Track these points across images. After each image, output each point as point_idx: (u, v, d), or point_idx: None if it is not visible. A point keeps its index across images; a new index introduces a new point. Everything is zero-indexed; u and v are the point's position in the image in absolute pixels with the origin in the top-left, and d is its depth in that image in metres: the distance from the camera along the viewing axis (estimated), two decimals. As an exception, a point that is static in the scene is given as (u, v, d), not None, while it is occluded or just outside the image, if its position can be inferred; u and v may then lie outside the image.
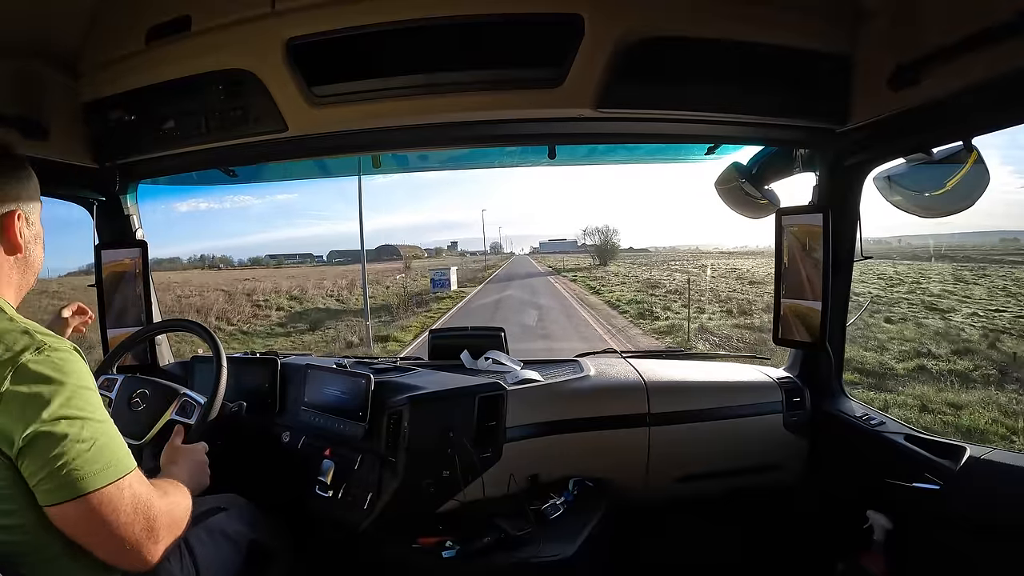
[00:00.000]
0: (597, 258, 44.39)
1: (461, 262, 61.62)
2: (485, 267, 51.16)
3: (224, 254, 68.39)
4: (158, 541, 0.79)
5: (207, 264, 57.80)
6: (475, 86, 1.24)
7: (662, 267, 36.54)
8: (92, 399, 0.76)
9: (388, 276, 31.20)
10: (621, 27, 1.16)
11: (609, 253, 43.78)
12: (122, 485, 0.75)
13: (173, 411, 1.28)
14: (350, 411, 1.52)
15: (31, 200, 0.88)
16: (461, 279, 29.78)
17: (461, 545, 1.26)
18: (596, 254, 45.21)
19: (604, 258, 43.05)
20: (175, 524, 0.84)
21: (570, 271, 39.21)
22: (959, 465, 1.20)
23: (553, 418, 1.54)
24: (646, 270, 34.26)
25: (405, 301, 20.32)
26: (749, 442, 1.66)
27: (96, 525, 0.73)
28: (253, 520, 1.22)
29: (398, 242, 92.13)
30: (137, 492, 0.77)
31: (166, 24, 1.25)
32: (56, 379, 0.72)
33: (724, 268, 30.86)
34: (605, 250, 43.90)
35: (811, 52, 1.24)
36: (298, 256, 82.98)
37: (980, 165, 1.15)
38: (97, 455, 0.72)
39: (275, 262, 70.92)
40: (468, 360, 1.81)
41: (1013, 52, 0.91)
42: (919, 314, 13.38)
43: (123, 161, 1.52)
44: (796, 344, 1.65)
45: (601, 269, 38.39)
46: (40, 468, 0.69)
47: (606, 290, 23.60)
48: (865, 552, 1.34)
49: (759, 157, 1.75)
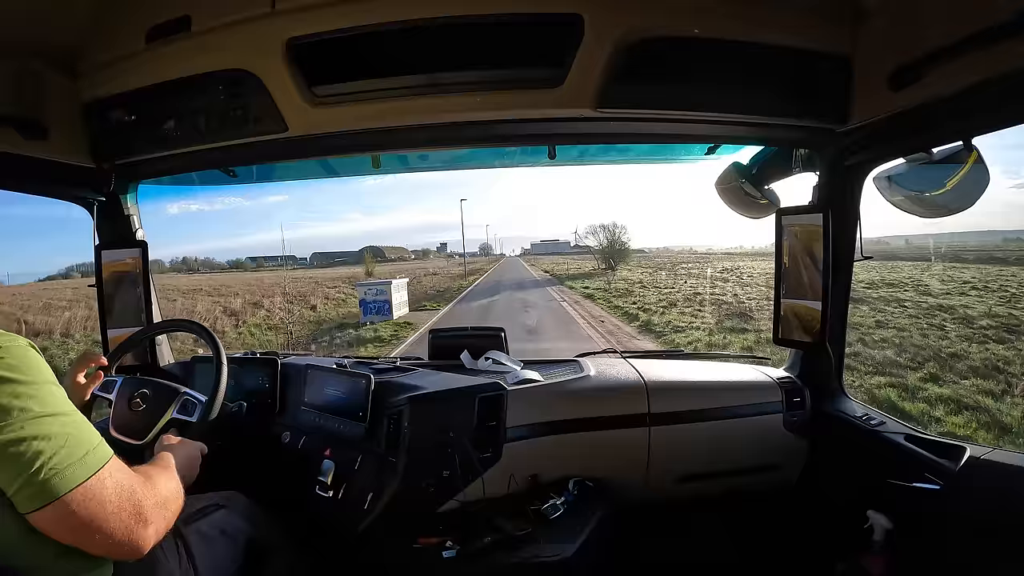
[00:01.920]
0: (602, 261, 36.95)
1: (445, 265, 54.82)
2: (463, 274, 39.94)
3: (210, 256, 67.93)
4: (147, 525, 0.76)
5: (187, 267, 57.23)
6: (475, 86, 1.24)
7: (673, 270, 29.51)
8: (55, 393, 0.73)
9: (340, 286, 25.31)
10: (621, 27, 1.16)
11: (619, 255, 36.18)
12: (102, 476, 0.72)
13: (174, 410, 1.28)
14: (350, 411, 1.52)
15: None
16: (420, 296, 20.73)
17: (461, 545, 1.26)
18: (601, 257, 37.21)
19: (611, 261, 35.45)
20: (164, 506, 0.82)
21: (574, 279, 29.48)
22: (959, 465, 1.20)
23: (553, 418, 1.54)
24: (655, 274, 27.39)
25: (319, 332, 13.25)
26: (749, 442, 1.66)
27: (82, 522, 0.70)
28: (252, 518, 1.22)
29: (394, 243, 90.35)
30: (119, 480, 0.75)
31: (166, 24, 1.25)
32: (14, 379, 0.69)
33: (746, 270, 25.19)
34: (612, 252, 36.22)
35: (811, 52, 1.24)
36: (280, 258, 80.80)
37: (980, 165, 1.15)
38: (71, 451, 0.70)
39: (254, 265, 70.25)
40: (468, 360, 1.81)
41: (1013, 52, 0.91)
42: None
43: (123, 161, 1.52)
44: (796, 344, 1.65)
45: (610, 274, 30.74)
46: (14, 477, 0.66)
47: (645, 309, 14.30)
48: (865, 552, 1.34)
49: (759, 157, 1.76)
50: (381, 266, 58.64)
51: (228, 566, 1.09)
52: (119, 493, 0.74)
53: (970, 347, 8.72)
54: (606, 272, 32.89)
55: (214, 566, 1.05)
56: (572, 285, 25.26)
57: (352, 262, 74.85)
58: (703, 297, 16.36)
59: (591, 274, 33.53)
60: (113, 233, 1.79)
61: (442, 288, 26.96)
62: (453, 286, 28.27)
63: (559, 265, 53.04)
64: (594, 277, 30.50)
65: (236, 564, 1.11)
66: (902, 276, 19.17)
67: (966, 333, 9.78)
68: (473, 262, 76.32)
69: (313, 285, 27.49)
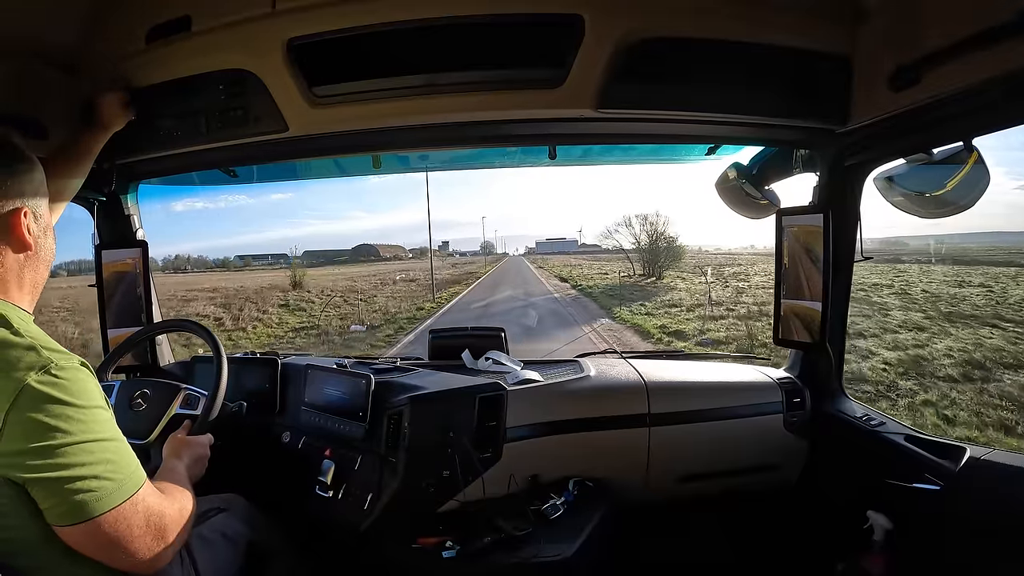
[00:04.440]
0: (640, 264, 27.15)
1: (440, 266, 44.36)
2: (425, 292, 22.95)
3: (202, 255, 67.21)
4: (169, 545, 0.79)
5: (173, 267, 56.79)
6: (476, 86, 1.24)
7: (721, 273, 22.79)
8: (102, 417, 0.74)
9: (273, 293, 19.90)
10: (621, 27, 1.16)
11: (668, 254, 25.89)
12: (135, 500, 0.74)
13: (178, 405, 1.30)
14: (350, 411, 1.52)
15: (36, 195, 0.83)
16: (340, 328, 13.59)
17: (461, 545, 1.26)
18: (644, 259, 26.90)
19: (656, 264, 25.33)
20: (184, 526, 0.85)
21: (613, 296, 18.41)
22: (959, 465, 1.20)
23: (553, 418, 1.54)
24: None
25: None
26: (749, 442, 1.66)
27: (110, 542, 0.72)
28: (253, 521, 1.22)
29: (394, 242, 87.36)
30: (150, 504, 0.77)
31: (166, 24, 1.25)
32: (65, 400, 0.69)
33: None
34: (657, 251, 25.93)
35: (811, 52, 1.24)
36: (270, 257, 79.07)
37: (980, 165, 1.15)
38: (109, 476, 0.72)
39: (243, 263, 69.43)
40: (468, 360, 1.81)
41: (1013, 52, 0.90)
42: None
43: (123, 161, 1.52)
44: (796, 344, 1.65)
45: (655, 282, 22.63)
46: (52, 493, 0.68)
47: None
48: (865, 552, 1.34)
49: (759, 157, 1.76)
50: (369, 266, 55.25)
51: (229, 569, 1.10)
52: (148, 517, 0.76)
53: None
54: (646, 279, 23.77)
55: (215, 569, 1.05)
56: (631, 316, 13.78)
57: (345, 261, 73.77)
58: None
59: (627, 284, 22.62)
60: (113, 233, 1.79)
61: (391, 312, 16.68)
62: (411, 308, 17.56)
63: (573, 268, 41.36)
64: (636, 289, 20.32)
65: (237, 567, 1.12)
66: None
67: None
68: (471, 262, 67.32)
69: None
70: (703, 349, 9.75)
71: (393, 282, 28.36)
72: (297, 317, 16.22)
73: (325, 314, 16.61)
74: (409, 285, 26.59)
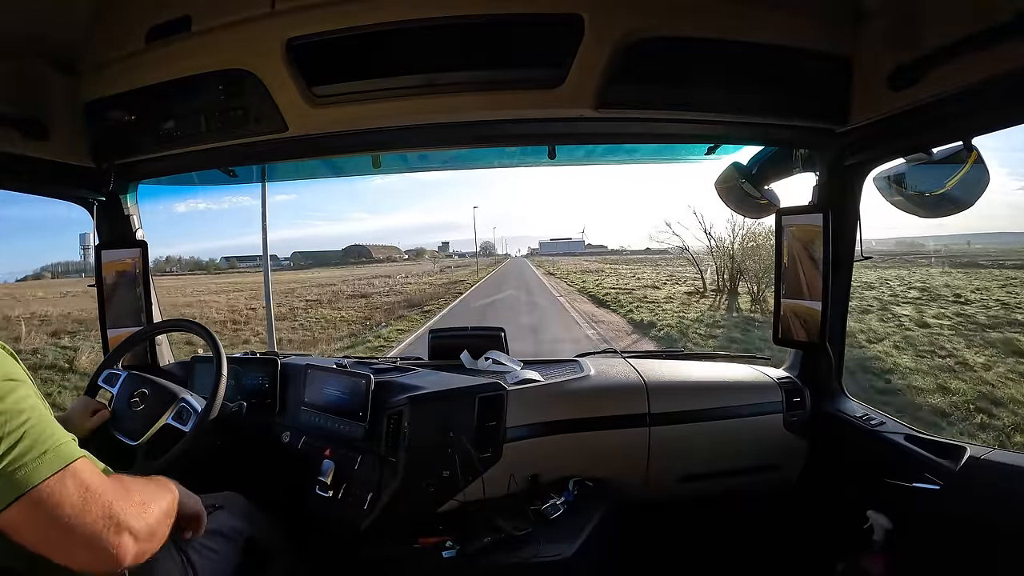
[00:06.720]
0: (729, 275, 14.70)
1: (430, 269, 41.54)
2: (383, 315, 14.45)
3: (196, 256, 65.79)
4: (121, 533, 0.70)
5: (158, 270, 55.95)
6: (475, 86, 1.24)
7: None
8: (20, 391, 0.70)
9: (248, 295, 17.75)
10: (621, 27, 1.16)
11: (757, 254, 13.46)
12: (65, 475, 0.68)
13: (169, 415, 1.27)
14: (350, 411, 1.52)
15: None
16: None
17: (461, 545, 1.26)
18: (721, 265, 15.23)
19: (734, 280, 14.41)
20: (151, 523, 0.77)
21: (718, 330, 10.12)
22: (959, 465, 1.20)
23: (553, 418, 1.54)
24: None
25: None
26: (749, 442, 1.66)
27: (44, 523, 0.66)
28: (251, 518, 1.22)
29: (394, 243, 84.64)
30: (85, 481, 0.70)
31: (166, 24, 1.25)
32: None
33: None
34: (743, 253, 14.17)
35: (811, 52, 1.24)
36: (257, 258, 73.78)
37: (980, 165, 1.15)
38: (29, 448, 0.67)
39: (228, 264, 67.98)
40: (468, 360, 1.81)
41: (1013, 52, 0.91)
42: None
43: (123, 161, 1.52)
44: (796, 344, 1.65)
45: (733, 300, 13.47)
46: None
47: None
48: (865, 552, 1.34)
49: (759, 157, 1.76)
50: (359, 268, 52.04)
51: (227, 568, 1.09)
52: (84, 496, 0.69)
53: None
54: (718, 296, 14.62)
55: (213, 567, 1.04)
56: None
57: (337, 263, 72.37)
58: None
59: (696, 300, 14.65)
60: (113, 233, 1.79)
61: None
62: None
63: (594, 274, 29.82)
64: (723, 313, 12.46)
65: (235, 565, 1.11)
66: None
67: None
68: (467, 264, 56.86)
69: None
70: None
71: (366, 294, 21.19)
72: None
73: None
74: (360, 301, 18.71)
